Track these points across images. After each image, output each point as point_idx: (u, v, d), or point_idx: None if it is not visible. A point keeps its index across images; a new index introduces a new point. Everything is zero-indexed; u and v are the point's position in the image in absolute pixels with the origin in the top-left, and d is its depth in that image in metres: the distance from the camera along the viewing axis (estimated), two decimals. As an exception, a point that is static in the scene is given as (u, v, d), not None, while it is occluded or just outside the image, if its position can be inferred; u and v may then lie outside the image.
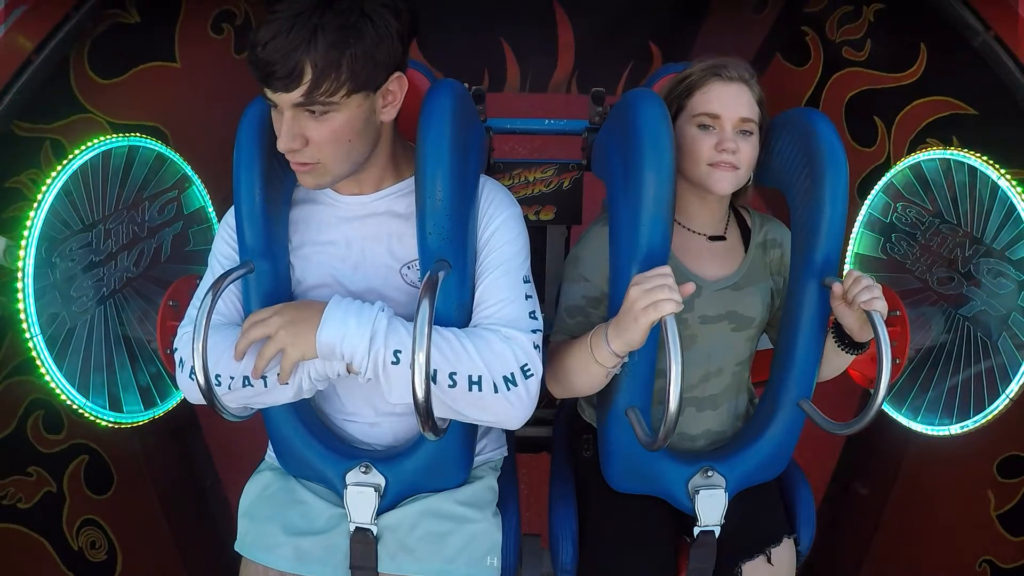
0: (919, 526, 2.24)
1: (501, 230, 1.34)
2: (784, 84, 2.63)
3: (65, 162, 1.63)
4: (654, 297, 1.18)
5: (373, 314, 1.22)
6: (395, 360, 1.20)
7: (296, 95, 1.17)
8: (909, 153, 2.02)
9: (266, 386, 1.26)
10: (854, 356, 1.44)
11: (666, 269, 1.22)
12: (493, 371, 1.23)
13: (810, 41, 2.52)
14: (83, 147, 1.68)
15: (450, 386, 1.22)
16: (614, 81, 3.02)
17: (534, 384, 1.27)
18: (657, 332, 1.32)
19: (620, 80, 3.03)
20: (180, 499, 2.37)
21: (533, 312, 1.32)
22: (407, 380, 1.10)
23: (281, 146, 1.22)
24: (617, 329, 1.26)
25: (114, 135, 1.75)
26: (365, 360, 1.20)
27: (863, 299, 1.28)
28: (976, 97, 1.93)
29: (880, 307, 1.28)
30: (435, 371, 1.21)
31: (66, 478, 1.87)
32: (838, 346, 1.40)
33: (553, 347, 1.45)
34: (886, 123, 2.21)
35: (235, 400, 1.30)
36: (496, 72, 3.05)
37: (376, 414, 1.43)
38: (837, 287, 1.32)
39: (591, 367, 1.32)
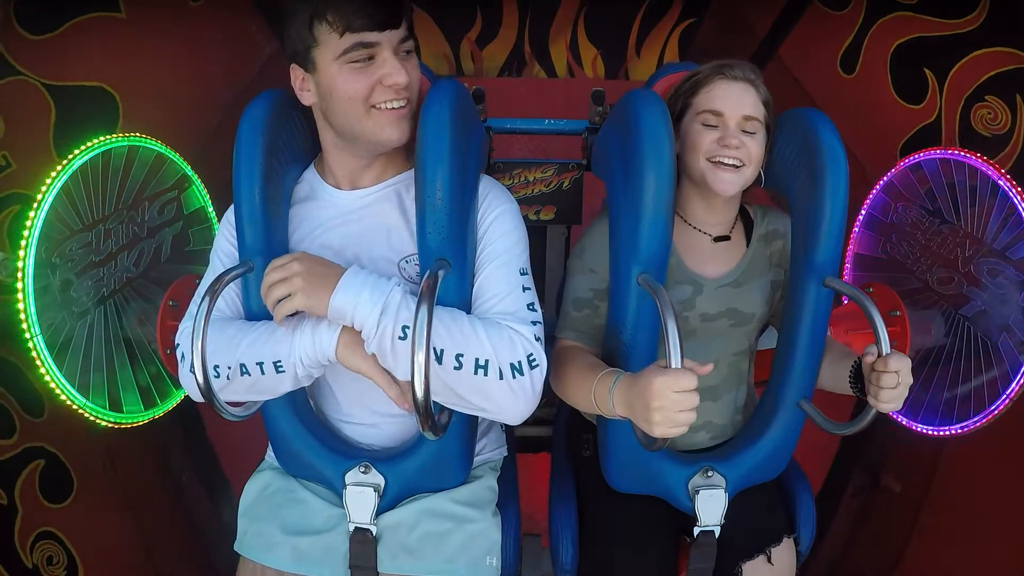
0: (957, 529, 2.04)
1: (497, 223, 1.34)
2: (819, 33, 2.34)
3: (65, 162, 1.63)
4: (676, 420, 1.11)
5: (388, 288, 1.22)
6: (402, 335, 1.20)
7: (402, 29, 1.27)
8: (964, 112, 1.87)
9: (263, 373, 1.26)
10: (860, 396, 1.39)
11: (693, 382, 1.11)
12: (501, 357, 1.22)
13: None
14: (83, 147, 1.68)
15: (455, 368, 1.21)
16: (629, 17, 2.77)
17: (539, 376, 1.26)
18: (658, 328, 1.32)
19: (636, 16, 2.77)
20: (152, 506, 2.19)
21: (531, 304, 1.31)
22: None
23: (403, 80, 1.27)
24: (626, 405, 1.20)
25: (114, 136, 1.75)
26: (374, 331, 1.20)
27: (880, 397, 1.25)
28: None
29: (889, 408, 1.26)
30: (441, 351, 1.20)
31: (18, 487, 1.69)
32: (852, 389, 1.36)
33: (560, 351, 1.44)
34: (938, 77, 1.96)
35: (235, 392, 1.30)
36: (489, 6, 2.74)
37: (373, 416, 1.43)
38: (870, 359, 1.26)
39: (591, 404, 1.31)
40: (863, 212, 2.11)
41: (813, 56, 2.44)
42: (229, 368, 1.26)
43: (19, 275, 1.54)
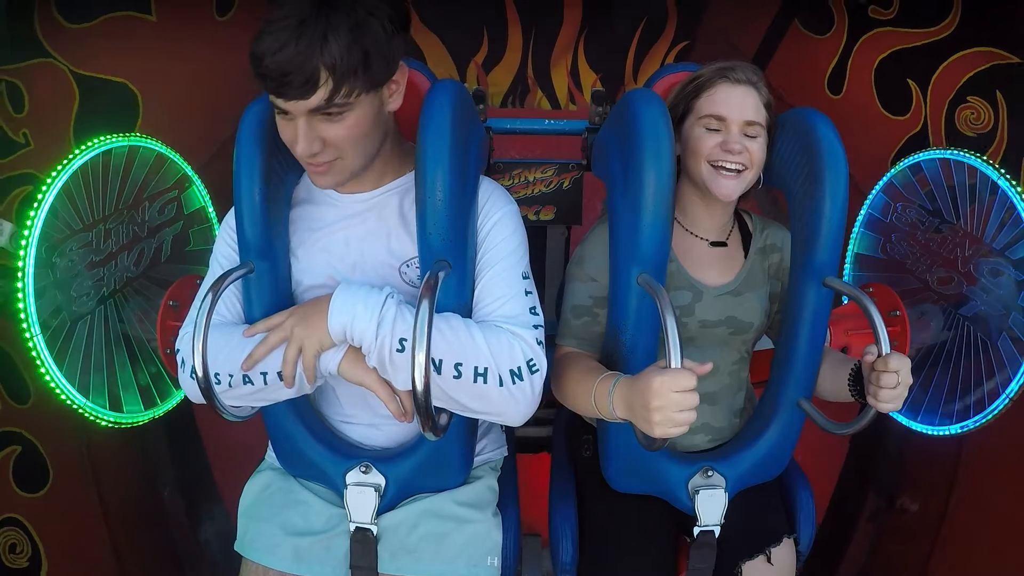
0: (982, 547, 2.00)
1: (498, 227, 1.34)
2: (806, 56, 2.41)
3: (65, 162, 1.63)
4: (676, 420, 1.11)
5: (381, 300, 1.22)
6: (400, 348, 1.20)
7: (314, 101, 1.15)
8: (948, 115, 1.91)
9: (266, 383, 1.26)
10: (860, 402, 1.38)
11: (692, 382, 1.11)
12: (500, 363, 1.23)
13: (832, 4, 2.28)
14: (83, 147, 1.68)
15: (455, 377, 1.21)
16: (626, 42, 2.84)
17: (539, 380, 1.26)
18: (657, 330, 1.32)
19: (632, 41, 2.86)
20: (129, 512, 2.15)
21: (533, 308, 1.32)
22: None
23: (301, 151, 1.21)
24: (626, 406, 1.20)
25: (115, 136, 1.75)
26: (373, 345, 1.21)
27: (880, 397, 1.25)
28: (1020, 43, 1.75)
29: (889, 408, 1.26)
30: (440, 361, 1.20)
31: None
32: (852, 394, 1.37)
33: (560, 357, 1.44)
34: (921, 85, 2.03)
35: (236, 398, 1.30)
36: (496, 30, 2.82)
37: (374, 416, 1.43)
38: (870, 359, 1.26)
39: (591, 407, 1.31)
40: (863, 212, 2.11)
41: (801, 80, 2.49)
42: (231, 376, 1.27)
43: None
